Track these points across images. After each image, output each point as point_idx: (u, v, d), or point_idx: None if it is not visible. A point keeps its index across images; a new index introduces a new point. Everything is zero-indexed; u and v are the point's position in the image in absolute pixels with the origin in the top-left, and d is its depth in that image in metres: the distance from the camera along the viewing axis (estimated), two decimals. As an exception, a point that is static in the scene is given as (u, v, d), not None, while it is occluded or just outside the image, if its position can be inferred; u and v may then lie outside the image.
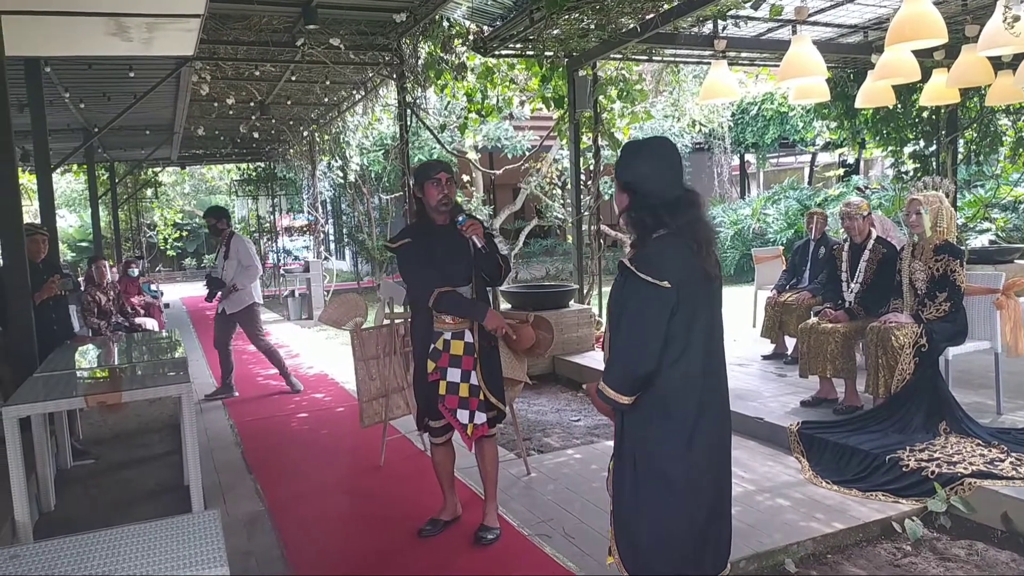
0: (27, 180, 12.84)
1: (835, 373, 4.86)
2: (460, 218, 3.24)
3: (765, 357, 6.54)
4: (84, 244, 23.33)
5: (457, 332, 3.34)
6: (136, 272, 9.79)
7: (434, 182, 3.28)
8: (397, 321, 4.68)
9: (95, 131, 9.79)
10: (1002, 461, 3.76)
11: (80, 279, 8.61)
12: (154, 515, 3.95)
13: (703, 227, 2.15)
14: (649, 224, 2.12)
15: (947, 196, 4.77)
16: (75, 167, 15.01)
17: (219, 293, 6.54)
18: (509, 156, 14.71)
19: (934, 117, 8.67)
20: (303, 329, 11.17)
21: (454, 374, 3.34)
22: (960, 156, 8.97)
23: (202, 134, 11.94)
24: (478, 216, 4.49)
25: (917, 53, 5.31)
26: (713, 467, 2.21)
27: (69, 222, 24.81)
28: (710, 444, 2.19)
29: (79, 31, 5.28)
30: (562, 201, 13.88)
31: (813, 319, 5.17)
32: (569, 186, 7.94)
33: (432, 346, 3.37)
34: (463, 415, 3.36)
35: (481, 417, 3.36)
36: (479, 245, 3.24)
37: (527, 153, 14.30)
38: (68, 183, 21.32)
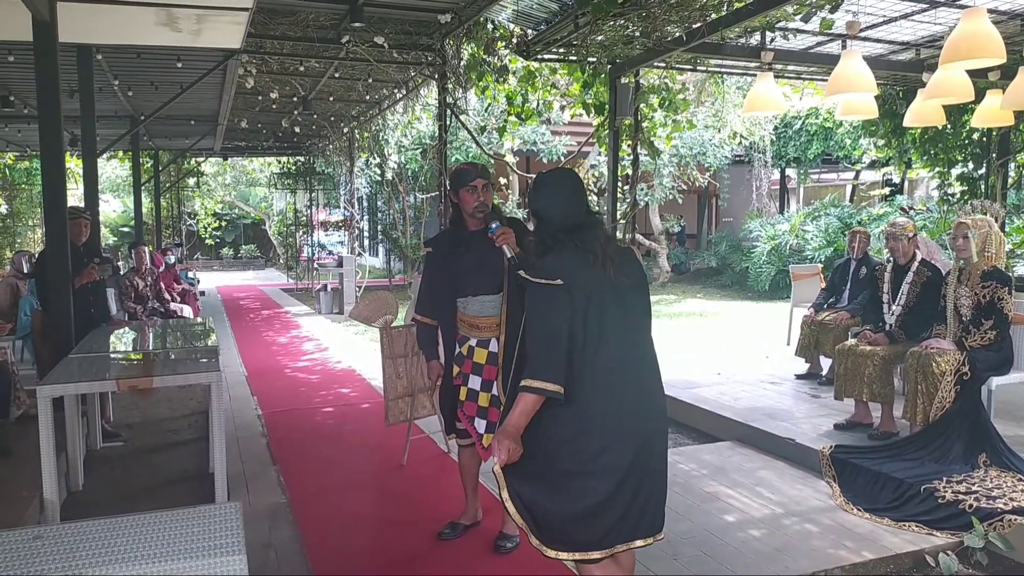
0: (74, 164, 13.15)
1: (872, 397, 4.74)
2: (493, 226, 3.12)
3: (799, 376, 6.41)
4: (125, 229, 23.85)
5: (483, 340, 3.29)
6: (172, 259, 9.94)
7: (470, 189, 3.22)
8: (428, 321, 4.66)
9: (141, 119, 9.98)
10: (1045, 498, 3.62)
11: (120, 263, 8.78)
12: (179, 501, 3.99)
13: (602, 242, 2.35)
14: (550, 245, 2.36)
15: (996, 220, 4.63)
16: (120, 153, 15.34)
17: None
18: (545, 160, 14.68)
19: (984, 139, 8.44)
20: (333, 323, 11.26)
21: (475, 382, 3.31)
22: (1011, 180, 8.71)
23: (245, 127, 12.11)
24: (517, 217, 4.42)
25: (971, 73, 5.15)
26: (617, 454, 2.26)
27: (112, 207, 25.37)
28: (615, 433, 2.26)
29: (130, 20, 5.38)
30: (597, 208, 13.79)
31: (851, 341, 5.04)
32: (606, 193, 7.86)
33: (458, 350, 3.35)
34: (480, 424, 3.32)
35: None
36: (509, 255, 3.11)
37: (562, 158, 14.25)
38: (113, 169, 21.81)
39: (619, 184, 7.56)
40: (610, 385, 2.26)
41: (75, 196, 10.33)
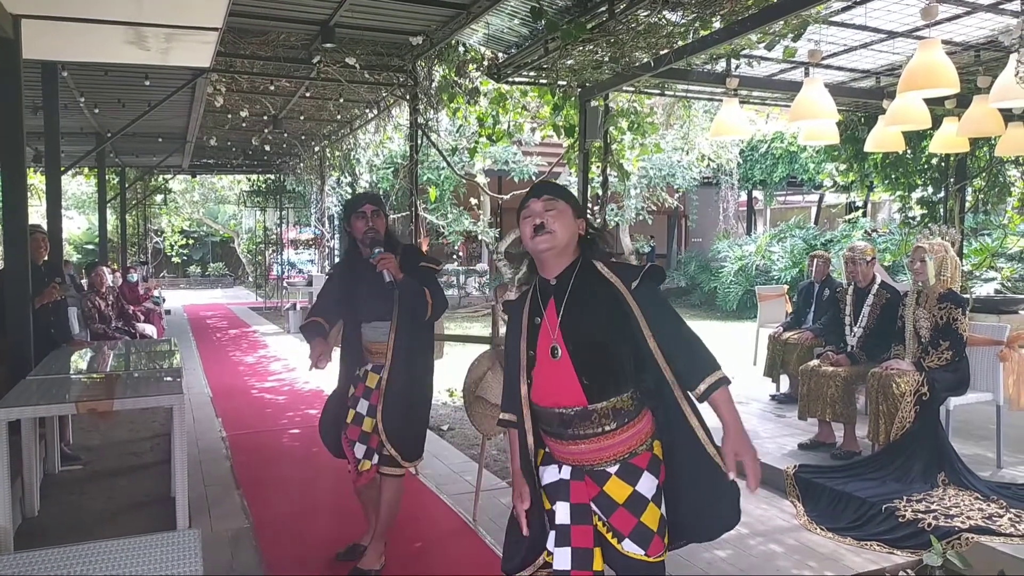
0: (38, 181, 12.91)
1: (835, 417, 4.82)
2: (375, 251, 3.14)
3: (773, 397, 6.46)
4: (90, 247, 23.41)
5: (377, 366, 3.26)
6: (134, 277, 9.78)
7: (359, 215, 3.23)
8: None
9: (108, 136, 9.85)
10: (1000, 517, 3.70)
11: (82, 281, 8.60)
12: (139, 526, 3.91)
13: None
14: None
15: (953, 245, 4.76)
16: (86, 170, 15.10)
17: None
18: (516, 180, 14.78)
19: (943, 164, 8.68)
20: (302, 343, 11.13)
21: (363, 406, 3.29)
22: (968, 204, 8.97)
23: (214, 144, 12.02)
24: (484, 238, 4.44)
25: (928, 101, 5.32)
26: None
27: (77, 224, 24.91)
28: None
29: (97, 38, 5.32)
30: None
31: (814, 362, 5.13)
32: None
33: (356, 372, 3.35)
34: (360, 449, 3.29)
35: (378, 458, 3.27)
36: (388, 279, 3.11)
37: (534, 178, 14.35)
38: (79, 185, 21.45)
39: (589, 205, 7.64)
40: None
41: (38, 213, 10.16)
